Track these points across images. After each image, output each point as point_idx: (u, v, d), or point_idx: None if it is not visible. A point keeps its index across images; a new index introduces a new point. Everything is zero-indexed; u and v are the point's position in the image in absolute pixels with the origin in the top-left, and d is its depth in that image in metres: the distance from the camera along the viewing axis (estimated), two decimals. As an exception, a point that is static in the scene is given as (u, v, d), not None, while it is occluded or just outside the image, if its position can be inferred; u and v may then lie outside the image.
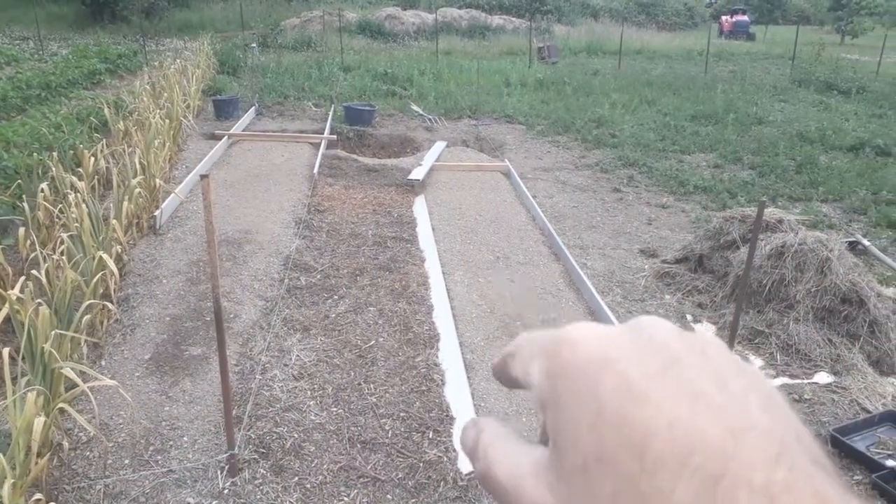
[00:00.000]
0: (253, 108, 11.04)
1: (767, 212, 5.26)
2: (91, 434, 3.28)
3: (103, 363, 4.06)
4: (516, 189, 7.88)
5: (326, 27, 22.36)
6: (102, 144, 6.94)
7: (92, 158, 6.40)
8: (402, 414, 3.76)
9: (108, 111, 8.33)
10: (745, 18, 33.78)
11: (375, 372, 4.13)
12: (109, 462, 3.29)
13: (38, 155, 6.31)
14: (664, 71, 18.48)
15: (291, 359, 4.23)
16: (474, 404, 3.83)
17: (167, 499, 3.12)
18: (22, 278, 3.75)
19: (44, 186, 5.31)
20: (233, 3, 25.38)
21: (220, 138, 8.97)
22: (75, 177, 5.58)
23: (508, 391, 3.92)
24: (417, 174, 7.84)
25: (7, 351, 3.06)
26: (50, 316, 3.50)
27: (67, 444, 3.32)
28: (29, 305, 3.49)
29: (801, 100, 14.64)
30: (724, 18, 34.57)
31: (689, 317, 5.12)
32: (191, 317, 4.62)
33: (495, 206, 7.20)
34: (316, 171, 7.97)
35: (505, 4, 29.67)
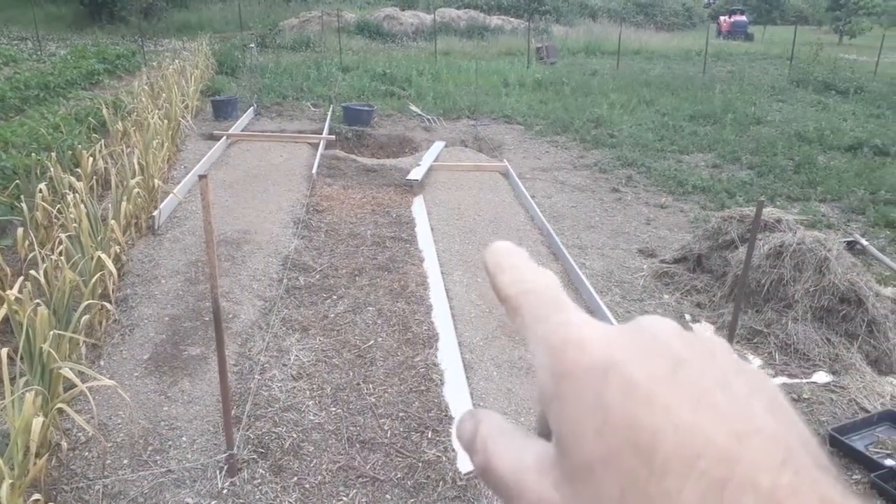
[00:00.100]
0: (251, 109, 11.03)
1: (766, 211, 5.26)
2: (90, 434, 3.28)
3: (102, 363, 4.05)
4: (515, 189, 7.88)
5: (325, 27, 22.36)
6: (101, 145, 6.93)
7: (90, 159, 6.39)
8: (401, 414, 3.76)
9: (107, 111, 8.33)
10: (744, 19, 33.81)
11: (374, 372, 4.13)
12: (108, 462, 3.29)
13: (37, 155, 6.31)
14: (662, 71, 18.49)
15: (290, 359, 4.23)
16: (473, 404, 3.83)
17: (166, 499, 3.11)
18: (20, 278, 3.75)
19: (42, 187, 5.31)
20: (231, 4, 25.39)
21: (219, 139, 8.96)
22: (74, 177, 5.58)
23: (508, 392, 3.92)
24: (416, 174, 7.84)
25: (5, 351, 3.06)
26: (48, 316, 3.50)
27: (66, 445, 3.32)
28: (27, 305, 3.49)
29: (800, 100, 14.66)
30: (723, 19, 34.58)
31: (688, 316, 5.13)
32: (189, 317, 4.62)
33: (494, 206, 7.20)
34: (314, 172, 7.96)
35: (503, 5, 29.68)
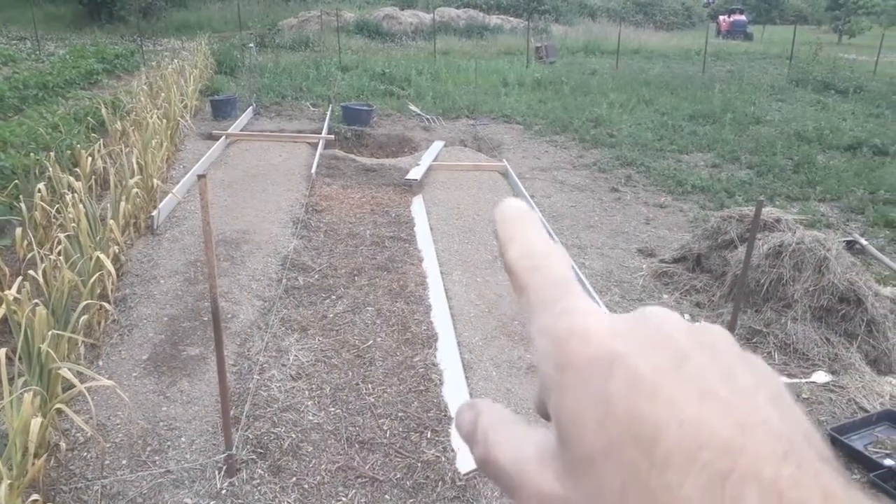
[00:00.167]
0: (250, 108, 11.03)
1: (765, 211, 5.26)
2: (88, 434, 3.28)
3: (101, 363, 4.05)
4: (514, 189, 7.88)
5: (324, 27, 22.33)
6: (100, 144, 6.93)
7: (89, 158, 6.38)
8: (401, 414, 3.76)
9: (106, 111, 8.32)
10: (743, 18, 33.82)
11: (373, 372, 4.13)
12: (107, 462, 3.28)
13: (36, 155, 6.30)
14: (662, 70, 18.48)
15: (289, 359, 4.23)
16: (472, 404, 3.82)
17: (165, 499, 3.11)
18: (19, 278, 3.75)
19: (41, 186, 5.30)
20: (230, 3, 25.37)
21: (218, 138, 8.96)
22: (72, 177, 5.57)
23: (507, 392, 3.91)
24: (415, 174, 7.83)
25: (4, 351, 3.05)
26: (47, 316, 3.49)
27: (64, 445, 3.31)
28: (26, 306, 3.48)
29: (799, 99, 14.66)
30: (722, 18, 34.59)
31: (687, 316, 5.13)
32: (188, 317, 4.61)
33: (493, 206, 7.11)
34: (314, 171, 7.96)
35: (503, 4, 29.68)
